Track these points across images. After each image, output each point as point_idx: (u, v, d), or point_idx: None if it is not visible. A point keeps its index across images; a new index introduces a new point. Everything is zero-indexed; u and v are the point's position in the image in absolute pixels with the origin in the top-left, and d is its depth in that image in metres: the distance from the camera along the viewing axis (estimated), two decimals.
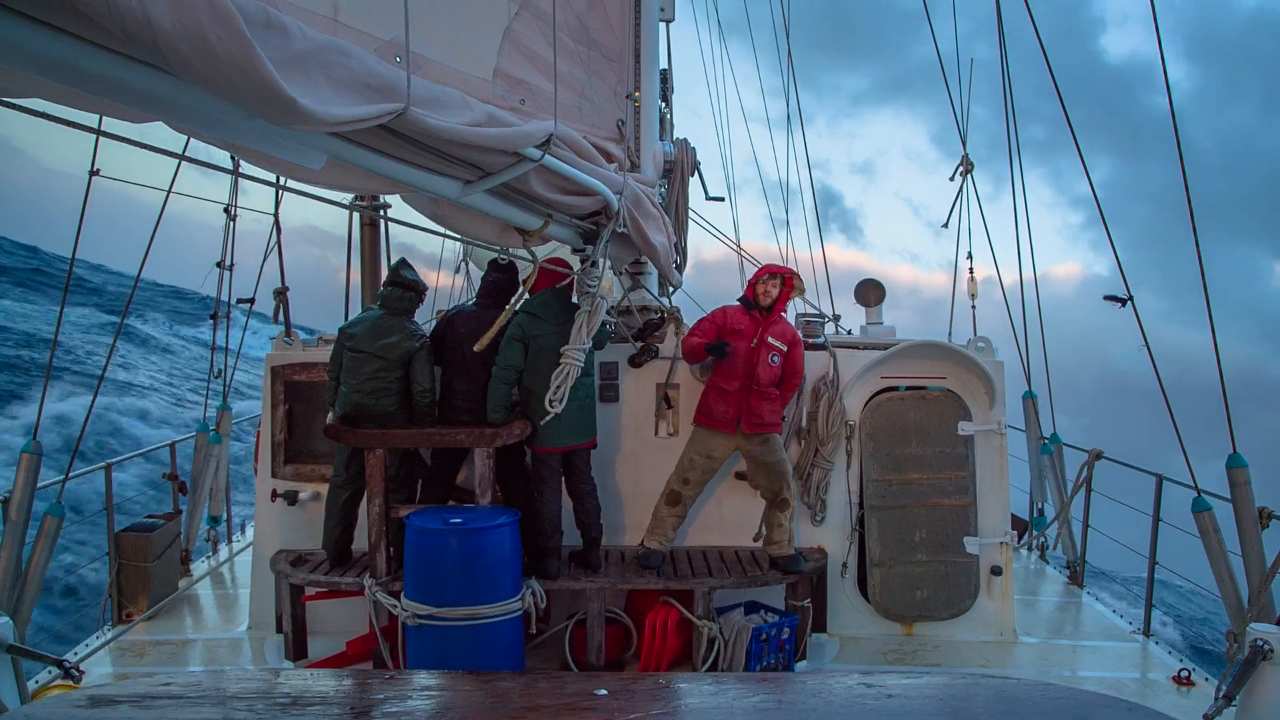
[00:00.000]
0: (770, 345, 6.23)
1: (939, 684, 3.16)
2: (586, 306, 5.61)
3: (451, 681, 3.06)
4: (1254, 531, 5.35)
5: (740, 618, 6.16)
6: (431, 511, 5.78)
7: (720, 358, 6.10)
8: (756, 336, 6.20)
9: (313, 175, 3.82)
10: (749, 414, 6.18)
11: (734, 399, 6.18)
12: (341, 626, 6.49)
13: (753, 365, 6.17)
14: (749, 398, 6.17)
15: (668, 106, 9.04)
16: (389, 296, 6.22)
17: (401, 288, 6.21)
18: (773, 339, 6.24)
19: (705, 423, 6.29)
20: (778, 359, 6.27)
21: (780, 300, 6.31)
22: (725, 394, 6.20)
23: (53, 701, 3.02)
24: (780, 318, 6.38)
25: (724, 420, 6.20)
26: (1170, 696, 5.91)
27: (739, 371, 6.18)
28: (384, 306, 6.22)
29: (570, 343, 5.56)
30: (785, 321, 6.44)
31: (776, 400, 6.32)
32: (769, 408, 6.25)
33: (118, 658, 6.54)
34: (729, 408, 6.19)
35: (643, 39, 6.64)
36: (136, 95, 2.50)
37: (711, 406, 6.24)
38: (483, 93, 4.21)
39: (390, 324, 6.13)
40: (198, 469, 8.59)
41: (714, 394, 6.25)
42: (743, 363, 6.18)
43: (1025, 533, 9.42)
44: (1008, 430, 7.01)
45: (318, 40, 2.68)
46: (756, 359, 6.18)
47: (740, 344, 6.18)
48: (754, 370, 6.17)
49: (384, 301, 6.24)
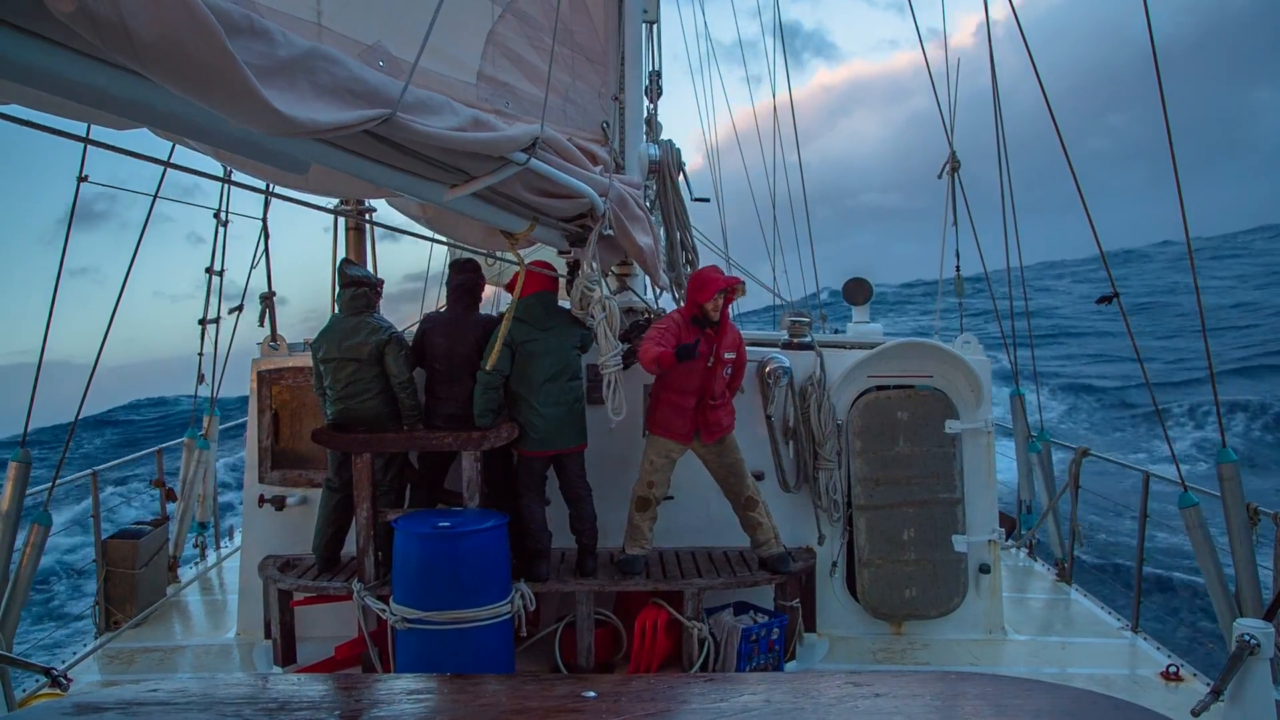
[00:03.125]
0: (724, 360, 6.16)
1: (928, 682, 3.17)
2: (600, 314, 5.63)
3: (440, 685, 3.06)
4: (1242, 528, 5.38)
5: (730, 618, 6.16)
6: (419, 515, 5.77)
7: (692, 357, 5.95)
8: (712, 355, 6.08)
9: (299, 180, 3.83)
10: (706, 425, 6.15)
11: (690, 415, 6.12)
12: (330, 631, 6.47)
13: (709, 381, 6.11)
14: (705, 412, 6.13)
15: (654, 108, 9.04)
16: (343, 298, 6.22)
17: (353, 286, 6.21)
18: (726, 353, 6.17)
19: (661, 435, 6.22)
20: (730, 370, 6.25)
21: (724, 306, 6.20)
22: (681, 409, 6.12)
23: (39, 709, 3.00)
24: (729, 325, 6.28)
25: (681, 433, 6.15)
26: (1159, 693, 5.93)
27: (694, 387, 6.10)
28: (342, 310, 6.22)
29: (602, 354, 5.70)
30: (732, 327, 6.35)
31: (729, 403, 6.30)
32: (724, 412, 6.24)
33: (105, 665, 6.50)
34: (685, 422, 6.13)
35: (626, 40, 6.66)
36: (120, 103, 2.50)
37: (669, 420, 6.15)
38: (466, 96, 4.22)
39: (351, 324, 6.12)
40: (185, 475, 8.56)
41: (669, 408, 6.15)
42: (699, 379, 6.09)
43: (1013, 530, 9.46)
44: (994, 428, 7.03)
45: (301, 47, 2.68)
46: (713, 375, 6.11)
47: (696, 363, 6.03)
48: (709, 385, 6.11)
49: (341, 305, 6.24)
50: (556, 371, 5.98)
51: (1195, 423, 26.05)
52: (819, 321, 11.43)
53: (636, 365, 6.81)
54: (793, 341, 7.23)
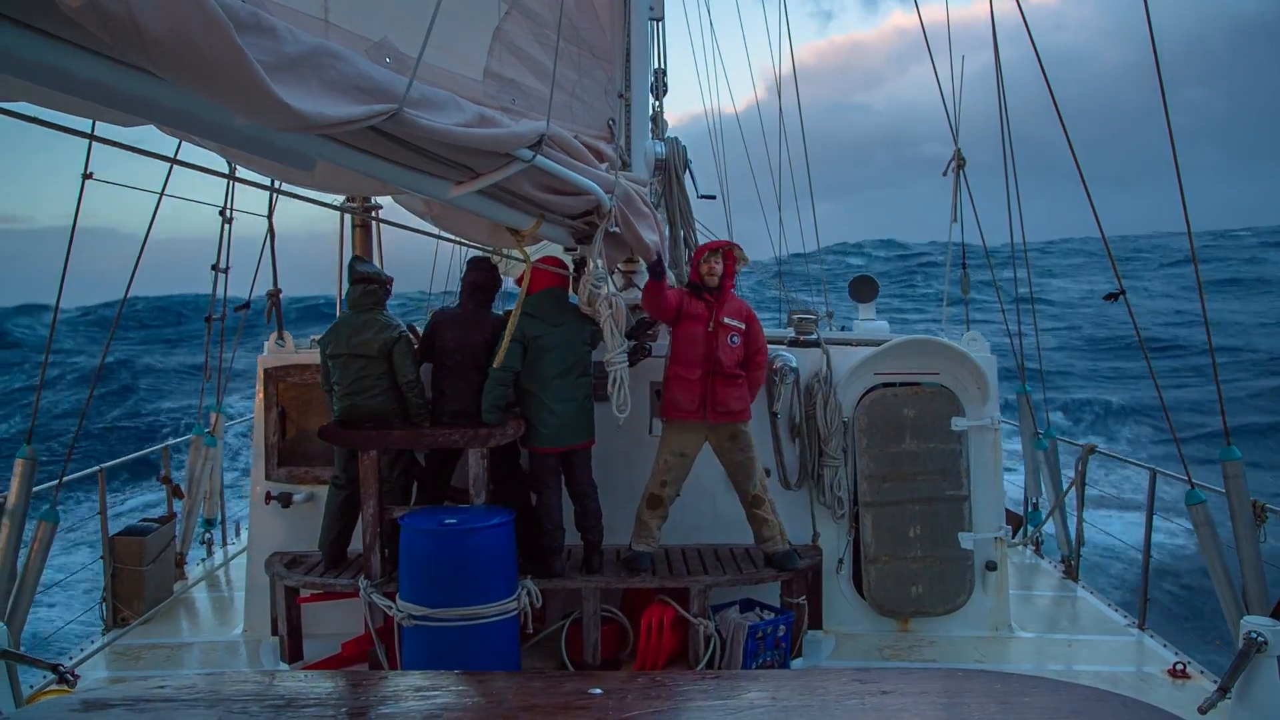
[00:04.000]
0: (728, 326, 6.10)
1: (935, 680, 3.16)
2: (606, 310, 5.63)
3: (447, 682, 3.06)
4: (1247, 525, 5.36)
5: (736, 615, 6.16)
6: (426, 512, 5.78)
7: (658, 276, 6.03)
8: (712, 319, 6.07)
9: (305, 177, 3.83)
10: (713, 402, 6.06)
11: (696, 387, 6.05)
12: (337, 628, 6.48)
13: (713, 349, 6.05)
14: (713, 384, 6.05)
15: (660, 105, 9.04)
16: (352, 295, 6.21)
17: (363, 283, 6.20)
18: (729, 319, 6.11)
19: (672, 415, 6.18)
20: (737, 339, 6.14)
21: (727, 275, 6.20)
22: (687, 383, 6.07)
23: (47, 706, 3.01)
24: (732, 294, 6.26)
25: (689, 409, 6.08)
26: (1166, 690, 5.92)
27: (699, 356, 6.05)
28: (351, 307, 6.21)
29: (608, 350, 5.69)
30: (737, 298, 6.32)
31: (743, 384, 6.19)
32: (735, 394, 6.13)
33: (113, 662, 6.52)
34: (692, 396, 6.07)
35: (633, 38, 6.66)
36: (127, 99, 2.50)
37: (676, 396, 6.11)
38: (473, 93, 4.22)
39: (362, 321, 6.11)
40: (192, 472, 8.57)
41: (676, 384, 6.12)
42: (702, 347, 6.05)
43: (1020, 528, 9.45)
44: (1001, 425, 7.02)
45: (308, 43, 2.68)
46: (716, 343, 6.06)
47: (697, 328, 6.05)
48: (714, 354, 6.05)
49: (350, 302, 6.23)
50: (567, 367, 5.97)
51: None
52: (825, 319, 11.42)
53: (644, 363, 6.81)
54: (799, 339, 7.22)
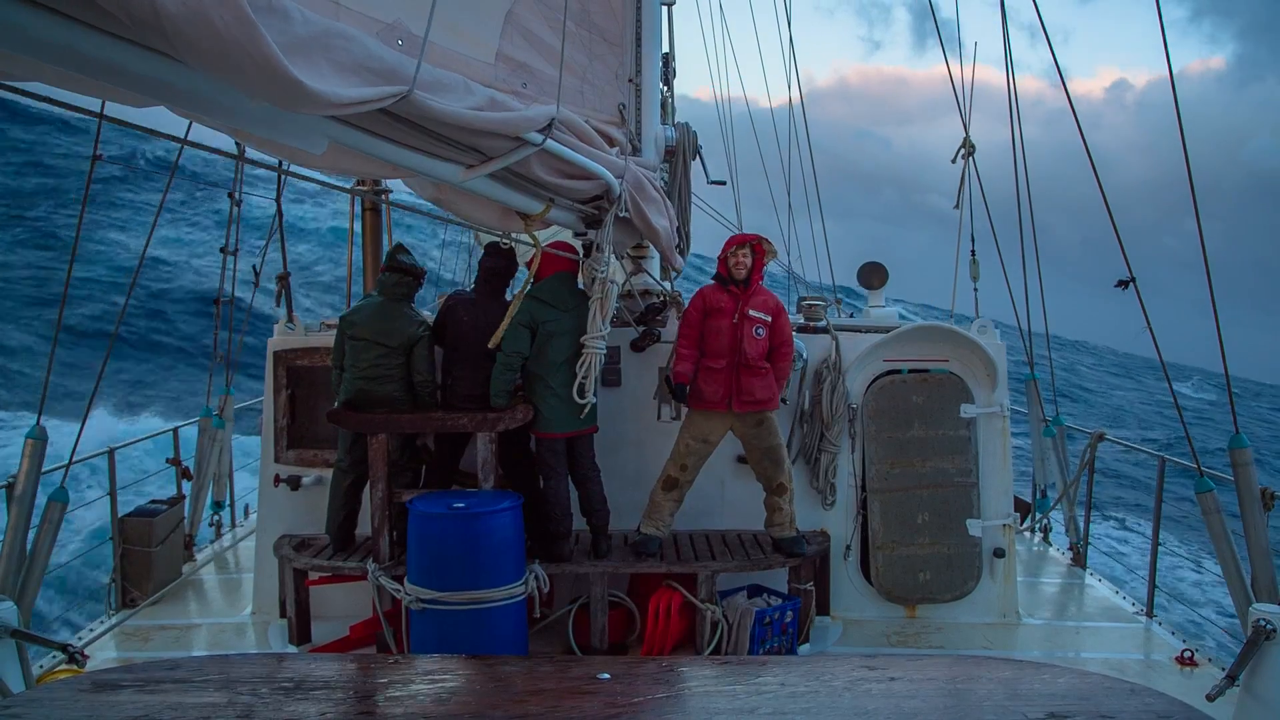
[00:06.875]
0: (753, 318, 6.12)
1: (942, 666, 3.17)
2: (598, 293, 5.62)
3: (455, 666, 3.07)
4: (1256, 512, 5.35)
5: (743, 601, 6.17)
6: (434, 496, 5.79)
7: (681, 399, 6.17)
8: (738, 311, 6.10)
9: (314, 160, 3.82)
10: (739, 392, 6.08)
11: (722, 377, 6.08)
12: (345, 611, 6.51)
13: (738, 341, 6.07)
14: (739, 375, 6.08)
15: (669, 90, 9.00)
16: (387, 283, 6.19)
17: (399, 273, 6.18)
18: (755, 311, 6.13)
19: (698, 405, 6.22)
20: (763, 331, 6.16)
21: (756, 269, 6.21)
22: (713, 373, 6.10)
23: (57, 685, 3.03)
24: (760, 287, 6.27)
25: (714, 400, 6.11)
26: (1173, 677, 5.92)
27: (725, 349, 6.09)
28: (383, 293, 6.19)
29: (589, 332, 5.66)
30: (766, 291, 6.32)
31: (768, 375, 6.19)
32: (760, 383, 6.14)
33: (122, 642, 6.56)
34: (718, 386, 6.09)
35: (644, 22, 6.62)
36: (138, 80, 2.49)
37: (701, 388, 6.14)
38: (484, 76, 4.21)
39: (391, 310, 6.11)
40: (201, 453, 8.60)
41: (703, 374, 6.14)
42: (728, 339, 6.08)
43: (1028, 515, 9.44)
44: (1010, 412, 7.00)
45: (319, 24, 2.68)
46: (741, 334, 6.08)
47: (723, 322, 6.09)
48: (740, 346, 6.07)
49: (382, 288, 6.21)
50: (574, 353, 5.97)
51: None
52: (834, 305, 11.40)
53: (652, 348, 6.80)
54: (808, 325, 7.21)
